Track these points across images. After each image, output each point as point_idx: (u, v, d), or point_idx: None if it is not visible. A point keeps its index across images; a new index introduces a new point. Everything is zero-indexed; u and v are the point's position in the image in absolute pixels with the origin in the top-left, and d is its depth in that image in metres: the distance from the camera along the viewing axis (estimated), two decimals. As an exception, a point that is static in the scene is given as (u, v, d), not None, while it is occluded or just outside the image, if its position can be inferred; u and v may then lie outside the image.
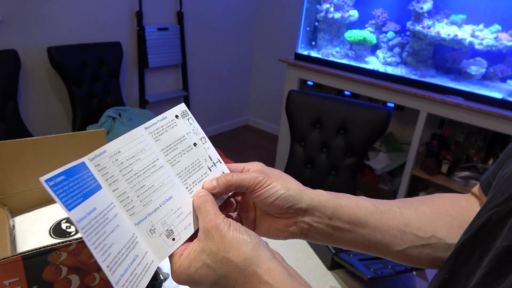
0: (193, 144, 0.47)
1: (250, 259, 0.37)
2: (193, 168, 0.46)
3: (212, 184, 0.44)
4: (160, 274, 0.73)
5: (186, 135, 0.47)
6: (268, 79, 3.74)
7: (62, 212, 0.72)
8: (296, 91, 1.65)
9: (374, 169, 2.66)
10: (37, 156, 0.72)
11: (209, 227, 0.39)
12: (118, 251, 0.37)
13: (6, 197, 0.71)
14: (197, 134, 0.48)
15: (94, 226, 0.36)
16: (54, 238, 0.64)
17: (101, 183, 0.38)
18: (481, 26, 2.10)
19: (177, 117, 0.47)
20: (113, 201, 0.39)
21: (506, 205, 0.30)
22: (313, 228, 0.45)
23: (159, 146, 0.44)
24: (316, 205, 0.44)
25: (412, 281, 0.94)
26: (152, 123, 0.45)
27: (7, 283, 0.53)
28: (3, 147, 0.68)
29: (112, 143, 0.40)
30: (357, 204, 0.46)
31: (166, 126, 0.46)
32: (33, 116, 2.34)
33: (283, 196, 0.43)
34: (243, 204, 0.49)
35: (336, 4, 2.50)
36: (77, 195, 0.36)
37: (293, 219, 0.45)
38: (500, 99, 1.96)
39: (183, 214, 0.43)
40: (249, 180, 0.43)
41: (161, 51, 2.82)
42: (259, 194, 0.43)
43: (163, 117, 0.46)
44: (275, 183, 0.43)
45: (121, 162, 0.40)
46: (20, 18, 2.12)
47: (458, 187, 2.23)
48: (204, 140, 0.49)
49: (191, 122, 0.48)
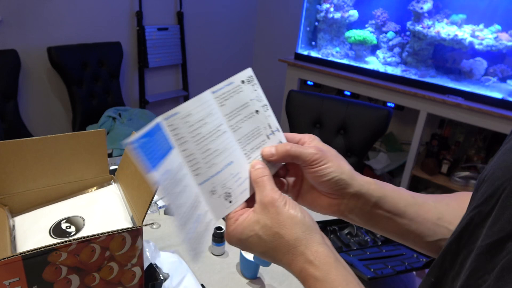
0: (255, 111, 0.48)
1: (301, 240, 0.39)
2: (252, 134, 0.47)
3: (270, 151, 0.45)
4: (160, 274, 0.74)
5: (249, 101, 0.47)
6: (268, 79, 3.74)
7: (62, 212, 0.72)
8: (296, 91, 1.65)
9: (374, 169, 2.66)
10: (37, 156, 0.72)
11: (266, 201, 0.41)
12: (186, 210, 0.40)
13: (6, 197, 0.71)
14: (260, 101, 0.49)
15: (170, 187, 0.38)
16: (54, 238, 0.64)
17: (172, 143, 0.40)
18: (481, 26, 2.10)
19: (243, 83, 0.47)
20: (181, 161, 0.40)
21: (486, 205, 0.31)
22: (354, 212, 0.47)
23: (224, 111, 0.45)
24: (364, 192, 0.46)
25: (412, 281, 0.94)
26: (219, 87, 0.45)
27: (7, 283, 0.53)
28: (3, 147, 0.68)
29: (183, 105, 0.41)
30: (399, 195, 0.47)
31: (231, 92, 0.46)
32: (33, 116, 2.33)
33: (336, 178, 0.44)
34: (293, 171, 0.50)
35: (336, 4, 2.50)
36: (156, 156, 0.38)
37: (338, 200, 0.47)
38: (500, 99, 1.96)
39: (241, 179, 0.45)
40: (307, 154, 0.44)
41: (161, 51, 2.82)
42: (314, 171, 0.44)
43: (230, 82, 0.46)
44: (331, 164, 0.44)
45: (191, 124, 0.42)
46: (20, 18, 2.12)
47: (458, 187, 2.23)
48: (265, 107, 0.49)
49: (255, 88, 0.49)
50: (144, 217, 0.63)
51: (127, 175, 0.75)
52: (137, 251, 0.64)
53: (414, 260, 0.89)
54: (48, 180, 0.75)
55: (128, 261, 0.64)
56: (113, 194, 0.77)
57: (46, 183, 0.75)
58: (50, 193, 0.75)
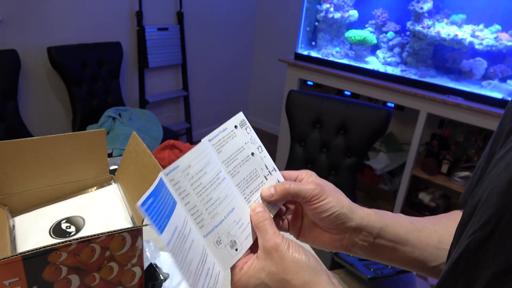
0: (251, 154, 0.48)
1: (308, 283, 0.39)
2: (250, 177, 0.47)
3: (270, 191, 0.46)
4: (160, 274, 0.73)
5: (244, 145, 0.48)
6: (268, 79, 3.74)
7: (62, 212, 0.72)
8: (296, 91, 1.65)
9: (374, 169, 2.66)
10: (37, 156, 0.72)
11: (269, 246, 0.40)
12: (196, 267, 0.39)
13: (6, 197, 0.71)
14: (254, 143, 0.49)
15: (178, 245, 0.38)
16: (54, 238, 0.64)
17: (176, 198, 0.40)
18: (481, 26, 2.10)
19: (236, 128, 0.48)
20: (186, 215, 0.40)
21: (483, 231, 0.30)
22: (357, 246, 0.47)
23: (221, 158, 0.45)
24: (365, 225, 0.46)
25: (412, 281, 0.94)
26: (214, 134, 0.46)
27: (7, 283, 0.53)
28: (3, 147, 0.68)
29: (182, 158, 0.41)
30: (398, 222, 0.48)
31: (226, 137, 0.47)
32: (33, 116, 2.33)
33: (336, 213, 0.45)
34: (293, 210, 0.50)
35: (336, 4, 2.50)
36: (164, 215, 0.37)
37: (340, 235, 0.47)
38: (500, 99, 1.96)
39: (244, 224, 0.44)
40: (307, 191, 0.44)
41: (161, 51, 2.82)
42: (314, 207, 0.44)
43: (223, 128, 0.47)
44: (330, 198, 0.45)
45: (192, 176, 0.41)
46: (20, 18, 2.12)
47: (458, 187, 2.23)
48: (260, 149, 0.50)
49: (248, 131, 0.50)
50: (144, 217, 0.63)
51: (127, 175, 0.75)
52: (137, 251, 0.64)
53: (414, 260, 0.89)
54: (48, 180, 0.75)
55: (128, 261, 0.64)
56: (113, 194, 0.77)
57: (46, 183, 0.75)
58: (50, 193, 0.75)
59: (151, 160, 0.65)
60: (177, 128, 3.07)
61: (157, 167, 0.62)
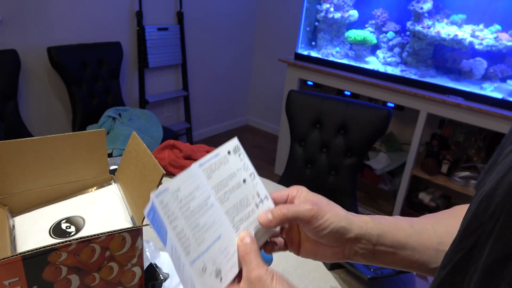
0: (242, 181, 0.48)
1: None
2: (241, 205, 0.47)
3: (268, 218, 0.45)
4: (160, 274, 0.73)
5: (236, 171, 0.48)
6: (268, 79, 3.74)
7: (62, 212, 0.72)
8: (296, 91, 1.65)
9: (374, 169, 2.66)
10: (37, 156, 0.72)
11: (252, 277, 0.40)
12: None
13: (6, 197, 0.71)
14: (246, 170, 0.49)
15: (176, 263, 0.38)
16: (54, 238, 0.64)
17: (165, 221, 0.39)
18: (481, 26, 2.10)
19: (229, 153, 0.48)
20: (174, 241, 0.40)
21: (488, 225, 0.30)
22: (358, 254, 0.48)
23: (212, 183, 0.45)
24: (363, 233, 0.46)
25: (412, 281, 0.94)
26: (206, 159, 0.45)
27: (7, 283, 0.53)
28: (3, 147, 0.68)
29: (173, 181, 0.41)
30: (397, 227, 0.48)
31: (218, 163, 0.46)
32: (33, 116, 2.34)
33: (336, 228, 0.45)
34: (289, 228, 0.51)
35: (336, 4, 2.50)
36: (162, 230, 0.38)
37: (340, 247, 0.47)
38: (500, 99, 1.96)
39: (229, 253, 0.44)
40: (304, 213, 0.44)
41: (161, 51, 2.82)
42: (313, 228, 0.45)
43: (216, 153, 0.47)
44: (328, 215, 0.45)
45: (181, 199, 0.41)
46: (20, 18, 2.12)
47: (458, 187, 2.23)
48: (253, 176, 0.50)
49: (242, 157, 0.49)
50: (144, 217, 0.63)
51: (127, 175, 0.75)
52: (137, 251, 0.64)
53: (414, 260, 0.89)
54: (48, 180, 0.75)
55: (128, 261, 0.64)
56: (113, 194, 0.77)
57: (46, 183, 0.75)
58: (50, 193, 0.75)
59: (151, 160, 0.65)
60: (177, 128, 3.07)
61: (157, 167, 0.62)
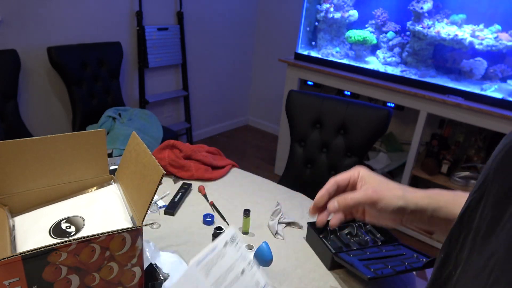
0: (240, 272, 0.48)
1: None
2: None
3: (334, 205, 0.55)
4: (160, 274, 0.73)
5: (234, 263, 0.48)
6: (268, 79, 3.74)
7: (62, 212, 0.72)
8: (296, 91, 1.65)
9: (374, 169, 2.66)
10: (37, 156, 0.72)
11: None
12: None
13: (6, 197, 0.71)
14: (244, 259, 0.49)
15: None
16: (54, 238, 0.64)
17: None
18: (481, 26, 2.10)
19: (225, 245, 0.48)
20: None
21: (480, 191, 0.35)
22: (415, 222, 0.54)
23: (210, 280, 0.45)
24: (419, 208, 0.53)
25: (412, 281, 0.94)
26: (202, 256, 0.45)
27: (7, 283, 0.53)
28: (3, 147, 0.68)
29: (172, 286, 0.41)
30: (454, 201, 0.53)
31: (215, 258, 0.47)
32: (33, 116, 2.34)
33: (395, 208, 0.53)
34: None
35: (336, 4, 2.50)
36: None
37: (398, 219, 0.55)
38: (500, 99, 1.96)
39: None
40: (365, 200, 0.54)
41: (161, 51, 2.82)
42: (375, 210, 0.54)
43: (213, 248, 0.47)
44: (386, 200, 0.53)
45: None
46: (20, 18, 2.12)
47: (458, 187, 2.23)
48: (251, 265, 0.50)
49: (238, 248, 0.49)
50: (144, 217, 0.63)
51: (127, 175, 0.75)
52: (137, 251, 0.64)
53: (414, 260, 0.89)
54: (48, 180, 0.75)
55: (128, 261, 0.64)
56: (113, 194, 0.77)
57: (46, 183, 0.75)
58: (50, 193, 0.75)
59: (151, 160, 0.65)
60: (177, 128, 3.07)
61: (157, 167, 0.62)
